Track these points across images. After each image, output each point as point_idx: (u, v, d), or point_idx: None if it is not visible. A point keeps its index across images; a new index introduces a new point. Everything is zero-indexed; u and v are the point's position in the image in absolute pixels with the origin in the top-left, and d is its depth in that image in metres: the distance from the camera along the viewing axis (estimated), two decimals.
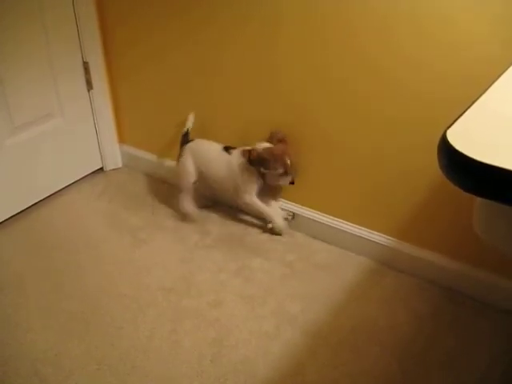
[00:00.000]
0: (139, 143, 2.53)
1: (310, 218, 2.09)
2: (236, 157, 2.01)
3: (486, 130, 0.69)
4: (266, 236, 2.13)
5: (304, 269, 1.96)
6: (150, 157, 2.49)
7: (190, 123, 2.17)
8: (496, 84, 0.83)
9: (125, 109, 2.48)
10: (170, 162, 2.39)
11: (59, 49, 2.18)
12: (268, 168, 1.93)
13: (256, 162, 1.94)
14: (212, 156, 2.08)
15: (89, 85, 2.35)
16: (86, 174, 2.51)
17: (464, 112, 0.72)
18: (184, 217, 2.20)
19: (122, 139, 2.57)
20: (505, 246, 0.74)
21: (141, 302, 1.81)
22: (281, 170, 1.93)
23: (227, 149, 2.05)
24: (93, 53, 2.30)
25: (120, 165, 2.62)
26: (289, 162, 1.91)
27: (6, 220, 2.20)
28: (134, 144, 2.55)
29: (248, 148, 1.95)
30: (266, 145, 1.93)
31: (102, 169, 2.59)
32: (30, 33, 2.06)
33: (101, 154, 2.55)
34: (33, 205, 2.29)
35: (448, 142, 0.63)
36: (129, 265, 1.99)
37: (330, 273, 1.95)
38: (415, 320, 1.75)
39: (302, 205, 2.10)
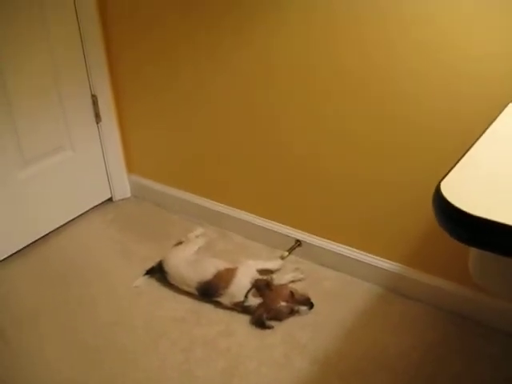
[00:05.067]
0: (147, 173, 2.56)
1: (316, 246, 2.10)
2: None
3: (477, 181, 0.72)
4: None
5: (312, 296, 1.96)
6: (159, 186, 2.53)
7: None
8: (488, 131, 0.86)
9: (133, 139, 2.52)
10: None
11: (68, 83, 2.23)
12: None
13: None
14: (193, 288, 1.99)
15: (97, 117, 2.39)
16: (95, 204, 2.55)
17: (456, 163, 0.75)
18: None
19: (130, 169, 2.61)
20: (500, 292, 0.76)
21: (152, 333, 1.84)
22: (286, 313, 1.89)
23: (207, 295, 1.95)
24: (100, 86, 2.34)
25: (129, 194, 2.66)
26: (285, 302, 1.86)
27: (18, 251, 2.23)
28: (142, 174, 2.58)
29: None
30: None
31: (110, 199, 2.62)
32: (39, 68, 2.11)
33: (110, 184, 2.58)
34: (44, 236, 2.32)
35: (442, 194, 0.66)
36: (140, 296, 2.01)
37: (338, 300, 1.96)
38: (423, 346, 1.76)
39: (309, 232, 2.12)
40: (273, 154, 2.07)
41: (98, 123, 2.41)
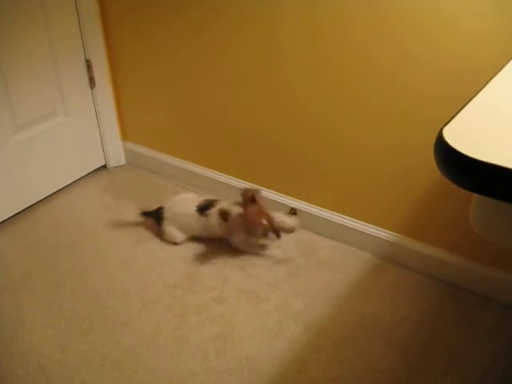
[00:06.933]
0: (142, 140, 2.54)
1: (312, 214, 2.09)
2: (214, 217, 1.96)
3: (481, 127, 0.70)
4: None
5: (307, 265, 1.97)
6: (153, 154, 2.51)
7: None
8: (492, 82, 0.84)
9: (128, 106, 2.49)
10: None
11: (62, 47, 2.19)
12: (248, 233, 1.93)
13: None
14: (191, 220, 2.03)
15: (92, 82, 2.36)
16: (89, 171, 2.53)
17: (460, 110, 0.72)
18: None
19: (124, 136, 2.58)
20: (504, 242, 0.75)
21: (145, 299, 1.83)
22: (260, 232, 1.89)
23: (202, 210, 1.99)
24: (95, 50, 2.31)
25: (123, 162, 2.64)
26: (266, 221, 1.85)
27: (10, 218, 2.21)
28: (136, 141, 2.56)
29: (224, 209, 1.90)
30: (237, 209, 1.90)
31: (105, 166, 2.60)
32: (32, 32, 2.07)
33: (104, 151, 2.56)
34: (36, 202, 2.31)
35: (444, 139, 0.64)
36: (133, 262, 2.00)
37: (333, 269, 1.95)
38: (418, 315, 1.76)
39: (305, 201, 2.11)
40: (267, 122, 2.04)
41: (92, 88, 2.37)
